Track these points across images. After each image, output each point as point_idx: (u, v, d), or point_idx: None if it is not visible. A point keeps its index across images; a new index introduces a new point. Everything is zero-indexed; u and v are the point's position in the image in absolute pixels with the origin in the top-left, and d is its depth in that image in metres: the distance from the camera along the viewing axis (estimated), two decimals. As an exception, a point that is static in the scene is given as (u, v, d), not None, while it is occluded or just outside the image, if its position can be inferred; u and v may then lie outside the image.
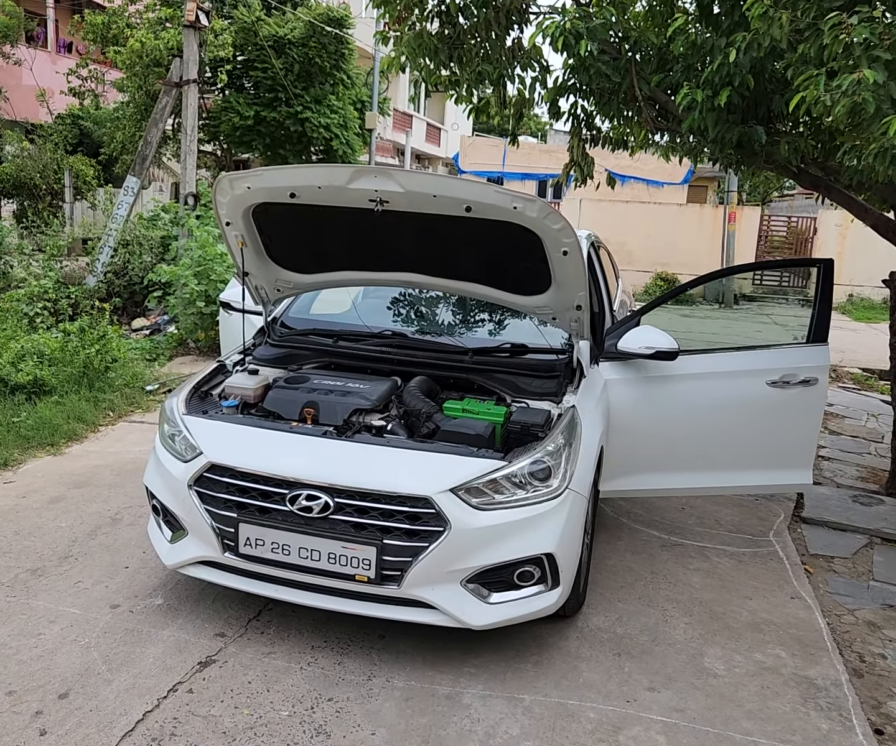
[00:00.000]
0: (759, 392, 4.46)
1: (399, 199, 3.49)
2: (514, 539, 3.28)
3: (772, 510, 5.49)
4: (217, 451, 3.45)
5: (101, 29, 16.66)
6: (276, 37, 16.56)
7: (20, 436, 5.81)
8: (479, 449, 3.41)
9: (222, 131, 17.07)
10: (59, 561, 4.11)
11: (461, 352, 4.13)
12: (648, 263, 19.62)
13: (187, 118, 11.33)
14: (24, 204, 19.14)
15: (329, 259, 4.21)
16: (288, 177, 3.65)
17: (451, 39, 5.63)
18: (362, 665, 3.38)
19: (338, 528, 3.25)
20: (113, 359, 7.29)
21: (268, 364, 4.26)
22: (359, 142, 18.69)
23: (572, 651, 3.60)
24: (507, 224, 3.50)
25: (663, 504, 5.41)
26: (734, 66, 4.54)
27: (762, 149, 5.38)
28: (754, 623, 3.97)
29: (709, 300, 18.31)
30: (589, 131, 6.03)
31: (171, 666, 3.27)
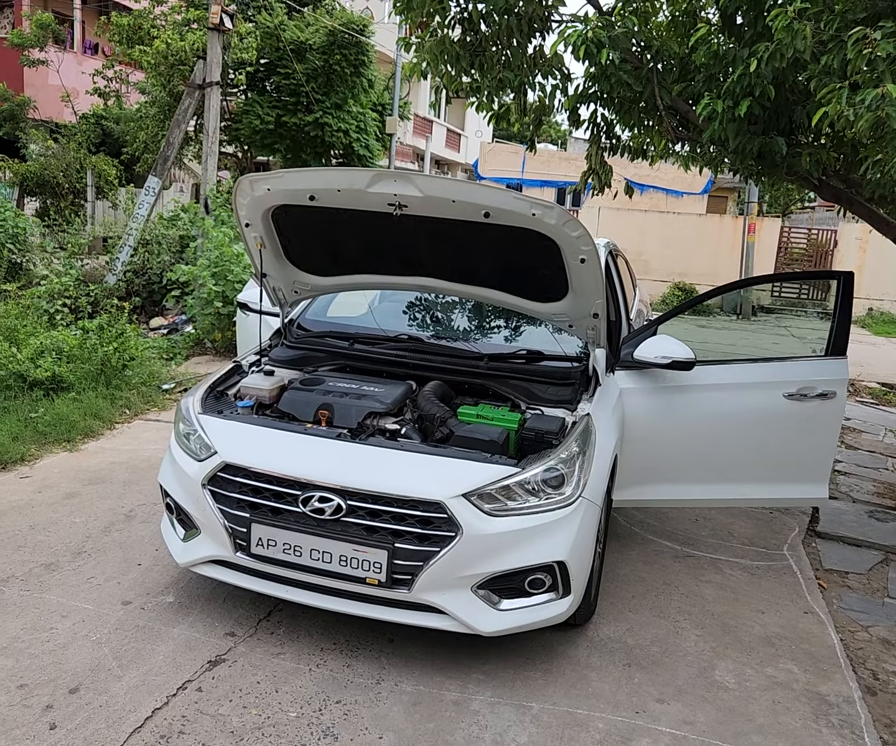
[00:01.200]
0: (777, 404, 4.43)
1: (418, 204, 3.49)
2: (526, 546, 3.27)
3: (786, 523, 5.45)
4: (231, 451, 3.46)
5: (128, 30, 16.82)
6: (298, 41, 16.66)
7: (37, 432, 5.86)
8: (492, 455, 3.41)
9: (243, 133, 17.17)
10: (72, 557, 4.14)
11: (476, 357, 4.13)
12: (666, 273, 19.54)
13: (209, 120, 11.41)
14: (47, 202, 19.36)
15: (347, 262, 4.22)
16: (308, 179, 3.67)
17: (473, 46, 5.64)
18: (371, 668, 3.38)
19: (350, 531, 3.25)
20: (130, 357, 7.34)
21: (284, 365, 4.28)
22: (378, 147, 18.75)
23: (582, 660, 3.59)
24: (526, 230, 3.50)
25: (676, 514, 5.38)
26: (755, 77, 4.53)
27: (783, 161, 5.35)
28: (766, 638, 3.94)
29: (726, 311, 18.21)
30: (608, 139, 6.02)
31: (180, 664, 3.28)
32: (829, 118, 3.81)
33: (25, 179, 19.37)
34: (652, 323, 4.56)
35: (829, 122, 3.85)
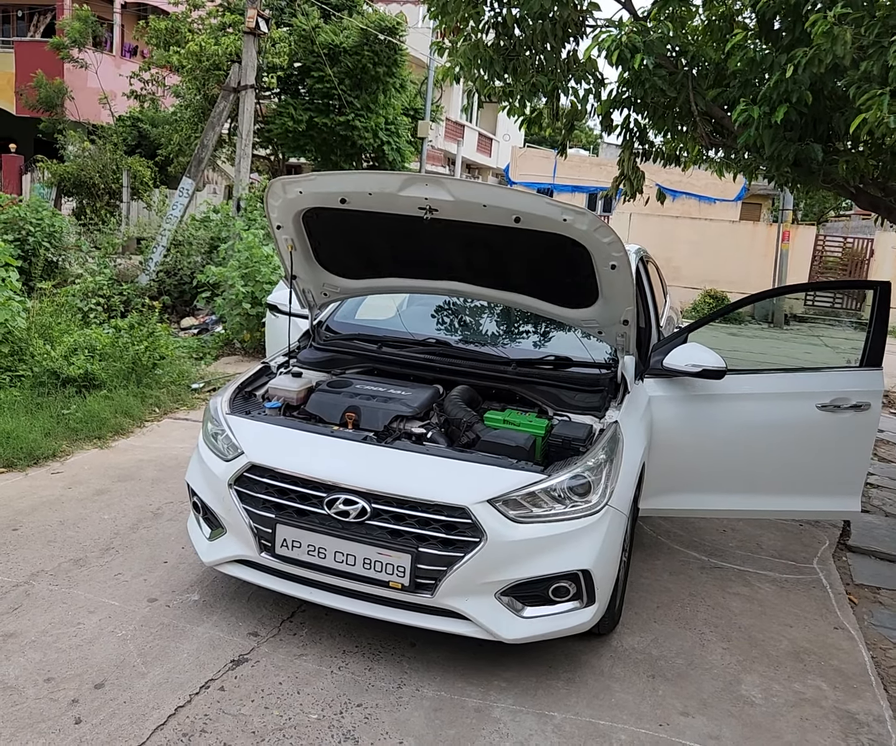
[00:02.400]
0: (809, 415, 4.36)
1: (449, 208, 3.49)
2: (551, 553, 3.24)
3: (816, 537, 5.35)
4: (258, 452, 3.47)
5: (165, 34, 17.06)
6: (332, 44, 16.78)
7: (69, 428, 5.94)
8: (518, 461, 3.38)
9: (275, 135, 17.32)
10: (100, 553, 4.18)
11: (504, 362, 4.11)
12: (697, 280, 19.36)
13: (243, 123, 11.53)
14: (84, 202, 19.66)
15: (376, 265, 4.23)
16: (340, 182, 3.68)
17: (507, 51, 5.63)
18: (392, 672, 3.37)
19: (374, 534, 3.25)
20: (161, 356, 7.43)
21: (312, 367, 4.29)
22: (410, 150, 18.81)
23: (605, 670, 3.55)
24: (556, 236, 3.47)
25: (704, 525, 5.31)
26: (792, 82, 4.46)
27: (819, 168, 5.27)
28: (794, 653, 3.87)
29: (758, 319, 18.00)
30: (641, 145, 5.97)
31: (204, 663, 3.30)
32: (868, 125, 3.74)
33: (63, 180, 19.70)
34: (682, 330, 4.51)
35: (868, 129, 3.78)
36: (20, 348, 6.84)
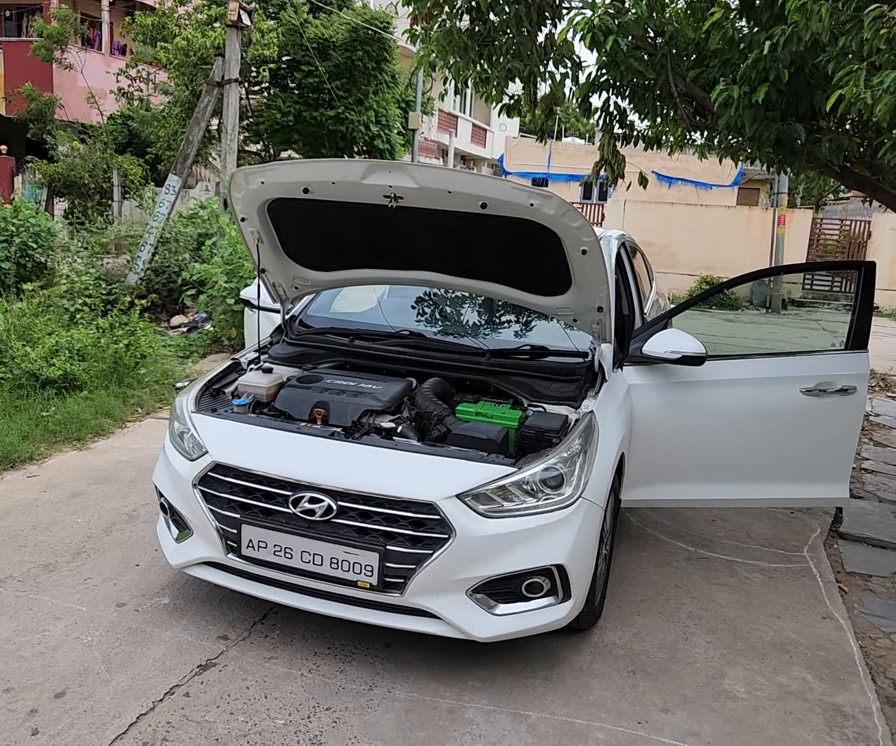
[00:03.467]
0: (793, 400, 4.26)
1: (414, 195, 3.38)
2: (523, 548, 3.15)
3: (807, 524, 5.26)
4: (222, 450, 3.38)
5: (151, 30, 16.91)
6: (321, 38, 16.63)
7: (47, 431, 5.85)
8: (488, 455, 3.29)
9: (263, 129, 17.19)
10: (71, 557, 4.10)
11: (478, 353, 4.02)
12: (693, 266, 19.23)
13: (228, 117, 11.42)
14: (75, 202, 19.55)
15: (346, 257, 4.13)
16: (302, 171, 3.58)
17: (481, 36, 5.52)
18: (364, 673, 3.28)
19: (340, 532, 3.16)
20: (142, 355, 7.33)
21: (283, 362, 4.20)
22: (400, 142, 18.67)
23: (584, 666, 3.46)
24: (525, 222, 3.37)
25: (692, 514, 5.22)
26: (772, 61, 4.36)
27: (802, 148, 5.17)
28: (780, 644, 3.78)
29: (755, 304, 17.88)
30: (621, 128, 5.86)
31: (170, 668, 3.21)
32: (845, 101, 3.63)
33: (53, 180, 19.59)
34: (661, 316, 4.41)
35: (846, 105, 3.67)
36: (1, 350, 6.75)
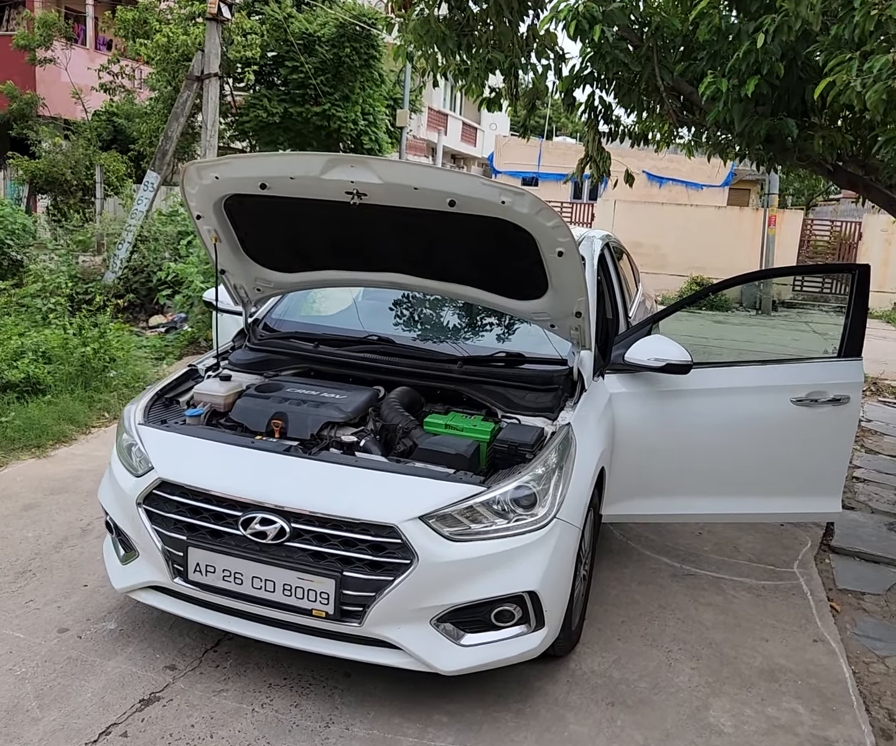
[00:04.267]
0: (783, 410, 4.04)
1: (377, 192, 3.14)
2: (492, 574, 2.92)
3: (798, 537, 5.04)
4: (168, 466, 3.13)
5: (132, 25, 16.60)
6: (307, 34, 16.37)
7: (5, 438, 5.58)
8: (456, 472, 3.05)
9: (249, 127, 16.91)
10: (15, 577, 3.83)
11: (450, 360, 3.77)
12: (683, 267, 19.02)
13: (208, 112, 11.15)
14: (57, 199, 19.22)
15: (310, 257, 3.88)
16: (258, 166, 3.33)
17: (460, 26, 5.28)
18: (322, 708, 3.04)
19: (294, 557, 2.91)
20: (111, 357, 7.05)
21: (243, 369, 3.95)
22: (387, 140, 18.42)
23: (560, 698, 3.22)
24: (499, 220, 3.13)
25: (678, 528, 4.99)
26: (763, 53, 4.13)
27: (794, 145, 4.95)
28: (769, 671, 3.55)
29: (745, 306, 17.68)
30: (607, 124, 5.63)
31: (109, 704, 2.96)
32: (834, 90, 3.41)
33: (35, 177, 19.25)
34: (645, 322, 4.18)
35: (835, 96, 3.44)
36: (-41, 353, 6.48)
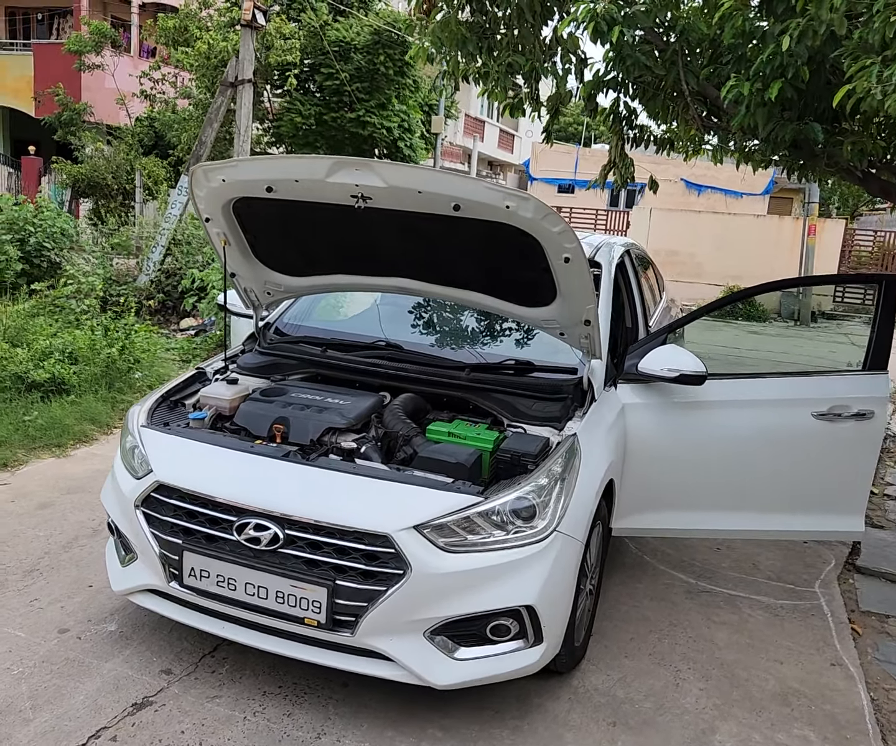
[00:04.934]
0: (804, 425, 3.90)
1: (383, 195, 3.10)
2: (488, 587, 2.85)
3: (822, 556, 4.87)
4: (167, 469, 3.12)
5: (173, 32, 16.86)
6: (342, 41, 16.46)
7: (27, 436, 5.64)
8: (454, 481, 2.99)
9: (284, 132, 17.05)
10: (22, 575, 3.86)
11: (457, 367, 3.71)
12: (720, 276, 18.71)
13: (241, 118, 11.25)
14: (98, 203, 19.58)
15: (319, 261, 3.85)
16: (264, 169, 3.31)
17: (482, 28, 5.23)
18: (314, 718, 2.99)
19: (287, 564, 2.87)
20: (135, 359, 7.12)
21: (251, 373, 3.93)
22: (422, 145, 18.43)
23: (560, 716, 3.14)
24: (504, 225, 3.07)
25: (696, 543, 4.86)
26: (788, 57, 4.01)
27: (823, 151, 4.81)
28: (782, 694, 3.42)
29: (784, 317, 17.34)
30: (630, 130, 5.52)
31: (101, 707, 2.95)
32: (854, 97, 3.29)
33: (77, 181, 19.64)
34: (660, 331, 4.07)
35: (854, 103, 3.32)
36: (-11, 352, 6.59)
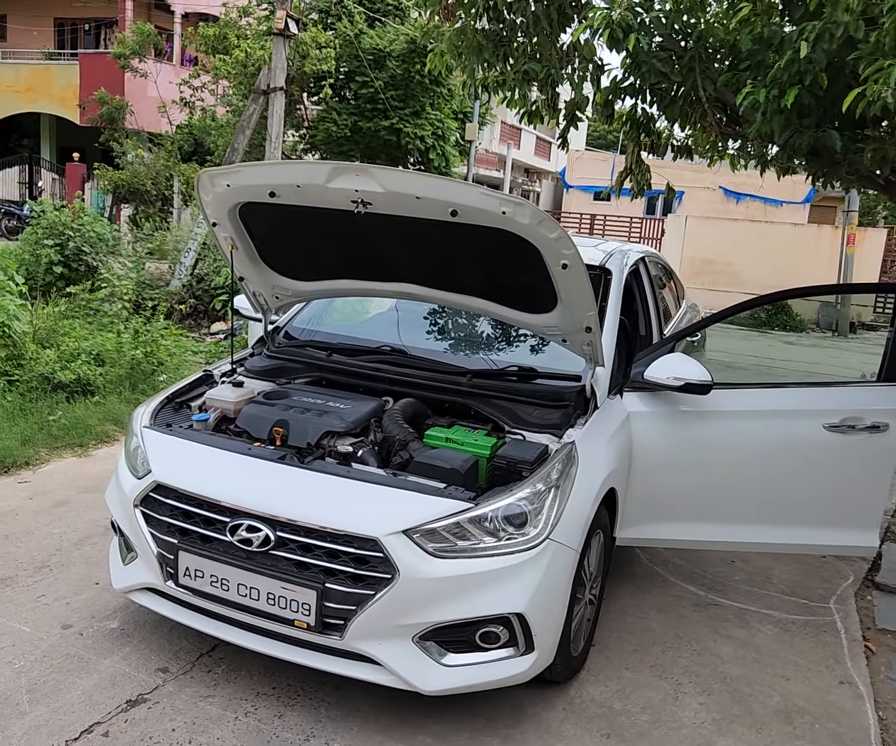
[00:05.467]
0: (815, 436, 3.82)
1: (382, 201, 3.12)
2: (478, 594, 2.83)
3: (839, 571, 4.76)
4: (165, 470, 3.16)
5: (213, 40, 17.12)
6: (377, 49, 16.57)
7: (51, 435, 5.76)
8: (446, 487, 2.98)
9: (319, 140, 17.21)
10: (33, 571, 3.93)
11: (460, 373, 3.71)
12: (756, 286, 18.33)
13: (272, 125, 11.38)
14: (138, 209, 19.98)
15: (324, 266, 3.88)
16: (267, 174, 3.35)
17: (498, 36, 5.22)
18: (305, 720, 3.00)
19: (278, 566, 2.89)
20: (160, 361, 7.23)
21: (258, 376, 3.97)
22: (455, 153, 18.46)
23: (553, 726, 3.11)
24: (503, 232, 3.07)
25: (709, 555, 4.78)
26: (806, 62, 3.94)
27: (844, 158, 4.71)
28: (785, 711, 3.35)
29: (822, 327, 17.01)
30: (648, 136, 5.47)
31: (96, 702, 2.99)
32: (864, 101, 3.22)
33: (118, 187, 20.07)
34: (668, 339, 4.03)
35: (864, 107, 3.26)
36: (20, 353, 6.74)
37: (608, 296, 4.11)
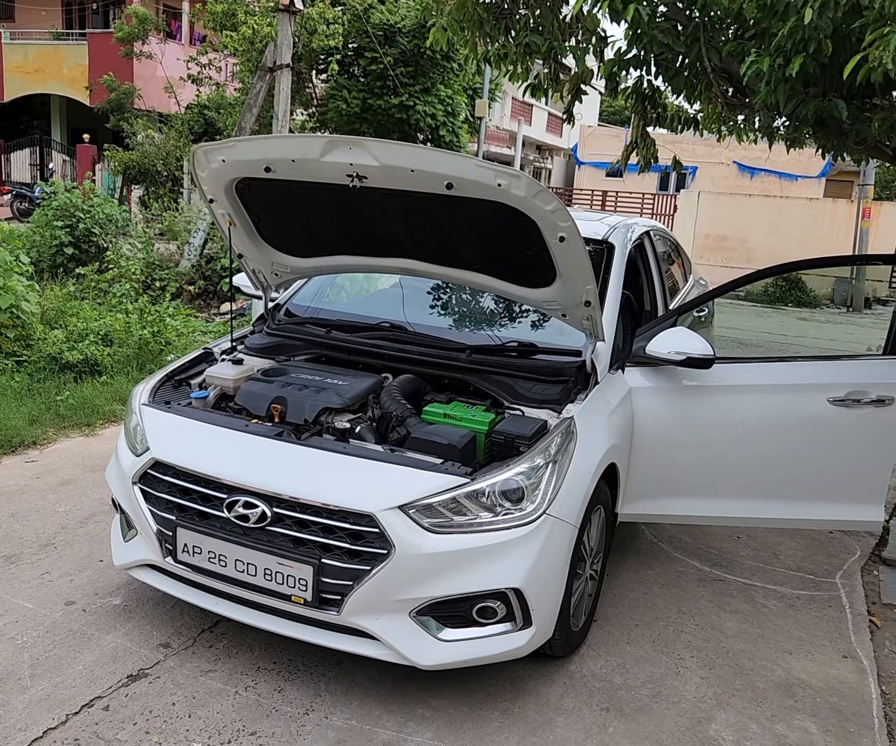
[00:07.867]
0: (819, 410, 3.79)
1: (377, 174, 3.09)
2: (474, 568, 2.83)
3: (846, 546, 4.73)
4: (163, 447, 3.17)
5: (221, 17, 17.05)
6: (387, 24, 16.45)
7: (58, 415, 5.80)
8: (443, 462, 2.97)
9: (330, 118, 17.13)
10: (37, 549, 3.97)
11: (459, 348, 3.69)
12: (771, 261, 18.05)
13: (279, 103, 11.32)
14: (148, 189, 20.00)
15: (322, 242, 3.86)
16: (261, 149, 3.32)
17: (499, 9, 5.16)
18: (305, 695, 3.02)
19: (275, 542, 2.90)
20: (167, 341, 7.25)
21: (258, 353, 3.97)
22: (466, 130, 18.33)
23: (552, 700, 3.11)
24: (499, 205, 3.04)
25: (715, 531, 4.76)
26: (811, 30, 3.87)
27: (851, 128, 4.63)
28: (786, 685, 3.34)
29: (837, 303, 16.84)
30: (654, 109, 5.40)
31: (97, 677, 3.02)
32: (865, 67, 3.16)
33: (128, 168, 20.08)
34: (670, 313, 3.99)
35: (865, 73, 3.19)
36: (28, 333, 6.78)
37: (610, 270, 4.07)
